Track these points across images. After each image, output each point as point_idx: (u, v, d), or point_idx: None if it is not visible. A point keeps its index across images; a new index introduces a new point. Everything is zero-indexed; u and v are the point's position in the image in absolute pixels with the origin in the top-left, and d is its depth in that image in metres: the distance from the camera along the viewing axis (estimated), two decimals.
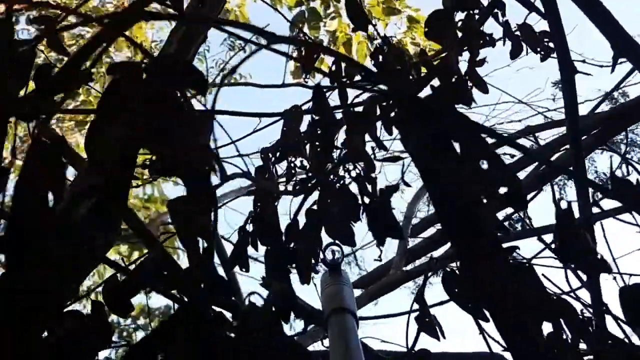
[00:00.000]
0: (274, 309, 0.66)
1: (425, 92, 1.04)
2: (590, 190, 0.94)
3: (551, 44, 1.27)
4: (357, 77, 1.22)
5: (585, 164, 1.60)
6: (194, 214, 0.48)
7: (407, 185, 0.72)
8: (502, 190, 0.59)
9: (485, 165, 0.59)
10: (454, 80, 0.81)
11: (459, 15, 1.04)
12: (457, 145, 0.69)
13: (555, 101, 5.26)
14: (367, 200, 1.21)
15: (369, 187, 1.18)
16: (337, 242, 1.07)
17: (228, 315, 0.65)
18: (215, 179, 0.46)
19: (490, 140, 0.80)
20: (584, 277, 1.13)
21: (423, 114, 0.69)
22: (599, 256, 0.67)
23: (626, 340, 1.18)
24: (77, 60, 0.50)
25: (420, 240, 2.71)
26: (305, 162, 1.29)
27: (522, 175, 2.19)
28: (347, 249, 1.19)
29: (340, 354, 0.90)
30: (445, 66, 0.81)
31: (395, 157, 0.72)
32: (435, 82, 1.15)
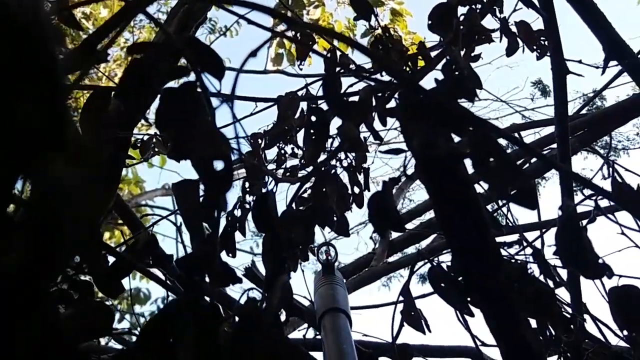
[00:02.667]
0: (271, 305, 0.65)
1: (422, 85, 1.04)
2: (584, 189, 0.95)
3: (546, 43, 1.28)
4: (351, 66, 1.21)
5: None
6: (203, 199, 0.47)
7: (409, 178, 0.72)
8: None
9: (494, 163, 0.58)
10: (457, 74, 0.81)
11: (460, 10, 1.04)
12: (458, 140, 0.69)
13: (534, 101, 5.33)
14: (357, 190, 1.21)
15: (361, 178, 1.18)
16: (330, 242, 1.07)
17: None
18: (220, 164, 0.45)
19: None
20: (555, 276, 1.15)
21: (427, 106, 0.68)
22: (600, 260, 0.68)
23: (603, 339, 1.20)
24: (94, 39, 0.49)
25: (403, 233, 2.71)
26: (296, 150, 1.28)
27: None
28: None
29: (333, 355, 0.90)
30: (450, 60, 0.80)
31: (397, 150, 0.72)
32: (434, 74, 1.15)
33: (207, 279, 0.55)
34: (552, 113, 1.47)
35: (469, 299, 1.01)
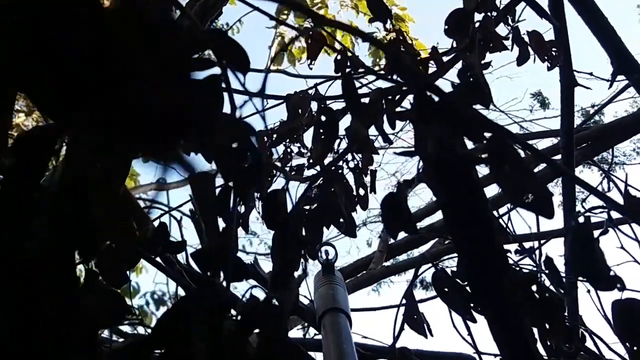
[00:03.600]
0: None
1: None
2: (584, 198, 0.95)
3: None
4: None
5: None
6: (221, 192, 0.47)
7: (422, 181, 0.72)
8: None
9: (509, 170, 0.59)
10: (472, 80, 0.81)
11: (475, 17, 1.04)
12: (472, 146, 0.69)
13: (533, 112, 5.34)
14: (362, 192, 1.21)
15: (367, 179, 1.18)
16: (330, 242, 1.07)
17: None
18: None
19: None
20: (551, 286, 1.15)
21: (442, 110, 0.68)
22: (612, 272, 0.68)
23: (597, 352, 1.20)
24: None
25: (403, 237, 2.71)
26: (302, 149, 1.28)
27: None
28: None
29: (333, 355, 0.89)
30: (465, 66, 0.81)
31: (411, 152, 0.71)
32: (442, 80, 1.15)
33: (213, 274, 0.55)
34: (550, 125, 1.49)
35: (472, 304, 1.01)
